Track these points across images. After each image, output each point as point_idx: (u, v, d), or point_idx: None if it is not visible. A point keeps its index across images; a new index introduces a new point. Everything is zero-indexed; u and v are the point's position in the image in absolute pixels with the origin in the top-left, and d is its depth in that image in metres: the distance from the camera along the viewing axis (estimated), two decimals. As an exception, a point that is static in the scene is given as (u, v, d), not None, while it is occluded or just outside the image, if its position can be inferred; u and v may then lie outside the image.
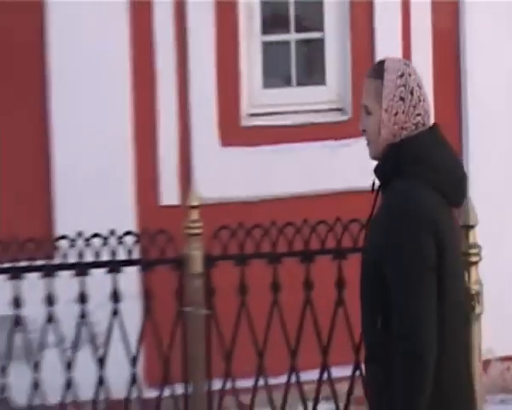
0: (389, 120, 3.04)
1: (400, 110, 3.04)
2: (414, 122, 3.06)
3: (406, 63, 3.16)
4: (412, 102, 3.05)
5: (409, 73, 3.09)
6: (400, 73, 3.08)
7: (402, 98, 3.05)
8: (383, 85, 3.05)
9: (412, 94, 3.06)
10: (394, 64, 3.12)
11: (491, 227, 4.06)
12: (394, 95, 3.05)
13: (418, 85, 3.08)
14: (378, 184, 3.12)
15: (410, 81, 3.07)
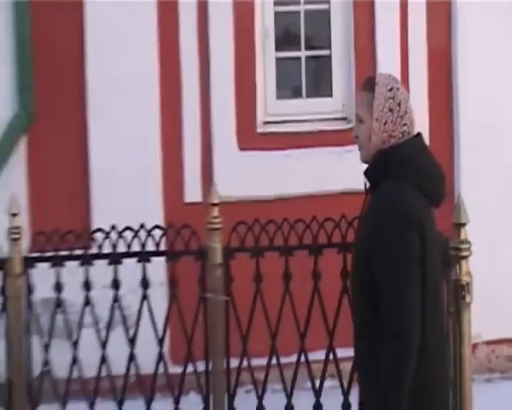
0: (379, 129, 3.07)
1: (389, 120, 3.07)
2: (401, 131, 3.08)
3: (395, 79, 3.16)
4: (399, 113, 3.08)
5: (397, 88, 3.10)
6: (389, 87, 3.09)
7: (391, 109, 3.07)
8: (374, 98, 3.08)
9: (400, 106, 3.08)
10: (384, 79, 3.13)
11: (481, 225, 4.08)
12: (384, 106, 3.07)
13: (405, 99, 3.10)
14: (368, 186, 3.15)
15: (398, 95, 3.09)
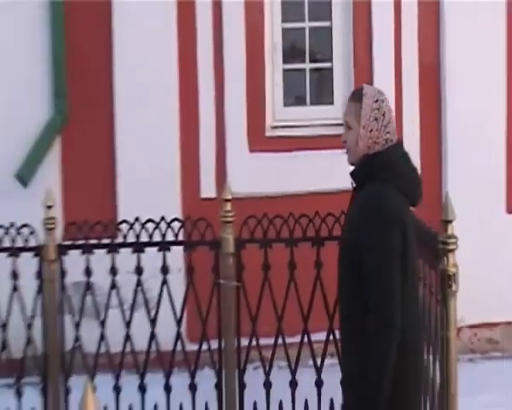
0: (365, 135, 3.09)
1: (374, 128, 3.09)
2: (384, 138, 3.10)
3: (380, 92, 3.18)
4: (384, 123, 3.10)
5: (382, 100, 3.13)
6: (375, 99, 3.11)
7: (376, 119, 3.09)
8: (362, 108, 3.10)
9: (384, 116, 3.11)
10: (371, 91, 3.16)
11: (466, 221, 4.08)
12: (370, 116, 3.09)
13: (388, 110, 3.13)
14: (354, 186, 3.18)
15: (383, 106, 3.12)
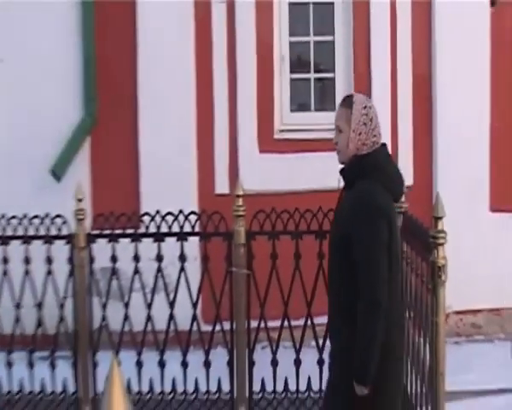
0: (355, 138, 3.16)
1: (363, 131, 3.15)
2: (372, 140, 3.17)
3: (368, 99, 3.27)
4: (371, 127, 3.16)
5: (369, 106, 3.19)
6: (364, 106, 3.18)
7: (365, 123, 3.16)
8: (352, 113, 3.16)
9: (372, 121, 3.17)
10: (360, 99, 3.22)
11: (453, 218, 4.07)
12: (359, 120, 3.15)
13: (375, 115, 3.20)
14: (343, 183, 3.26)
15: (371, 112, 3.18)
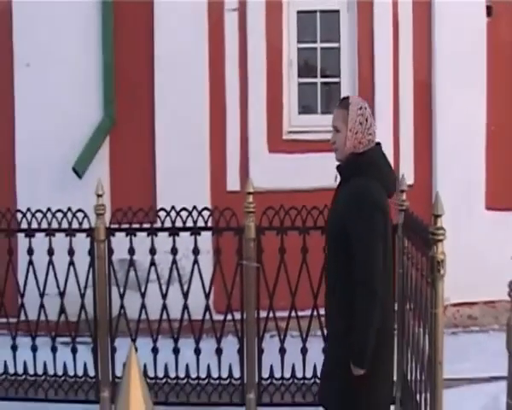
0: (352, 137, 3.18)
1: (359, 130, 3.17)
2: (367, 139, 3.19)
3: (363, 100, 3.29)
4: (367, 126, 3.18)
5: (365, 107, 3.21)
6: (359, 106, 3.20)
7: (361, 123, 3.18)
8: (348, 114, 3.18)
9: (367, 121, 3.19)
10: (356, 100, 3.25)
11: (453, 216, 4.06)
12: (356, 120, 3.17)
13: (370, 115, 3.22)
14: (339, 180, 3.26)
15: (366, 112, 3.20)
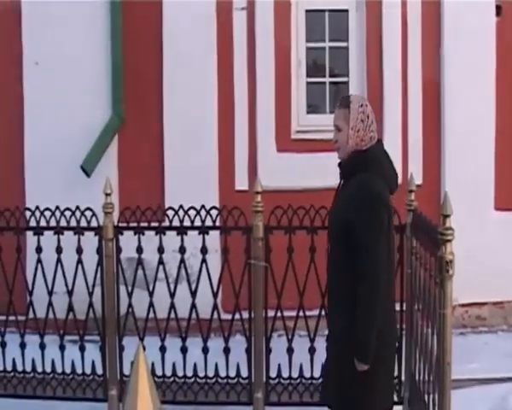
0: (354, 135, 3.18)
1: (361, 128, 3.17)
2: (369, 136, 3.19)
3: (363, 98, 3.29)
4: (368, 123, 3.18)
5: (365, 105, 3.21)
6: (360, 104, 3.20)
7: (362, 120, 3.17)
8: (349, 112, 3.18)
9: (368, 118, 3.19)
10: (357, 98, 3.25)
11: (461, 216, 4.01)
12: (357, 118, 3.16)
13: (371, 113, 3.22)
14: (340, 180, 3.28)
15: (367, 110, 3.20)
